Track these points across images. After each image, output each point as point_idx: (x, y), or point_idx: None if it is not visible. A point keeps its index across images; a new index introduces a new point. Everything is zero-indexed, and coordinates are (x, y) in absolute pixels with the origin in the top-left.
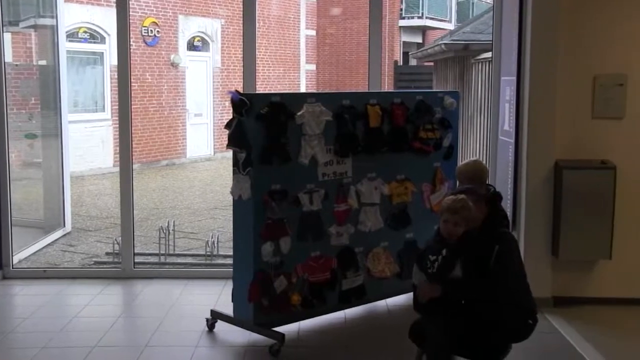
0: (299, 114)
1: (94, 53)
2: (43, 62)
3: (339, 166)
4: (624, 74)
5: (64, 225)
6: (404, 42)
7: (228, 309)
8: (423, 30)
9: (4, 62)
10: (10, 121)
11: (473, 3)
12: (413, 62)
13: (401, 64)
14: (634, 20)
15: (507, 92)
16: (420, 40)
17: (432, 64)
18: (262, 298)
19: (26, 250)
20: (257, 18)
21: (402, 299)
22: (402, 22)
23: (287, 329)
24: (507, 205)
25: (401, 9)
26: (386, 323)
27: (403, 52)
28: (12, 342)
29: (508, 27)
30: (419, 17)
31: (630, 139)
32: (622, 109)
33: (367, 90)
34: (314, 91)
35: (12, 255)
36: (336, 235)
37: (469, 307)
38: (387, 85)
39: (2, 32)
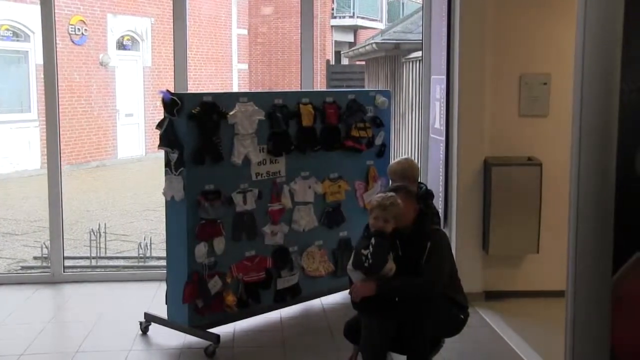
0: (231, 113)
1: (17, 51)
2: None
3: (272, 165)
4: (548, 74)
5: None
6: (335, 42)
7: (162, 311)
8: (354, 29)
9: None
10: None
11: (403, 3)
12: (345, 61)
13: (333, 63)
14: (557, 22)
15: (437, 91)
16: (352, 40)
17: (363, 63)
18: (196, 299)
19: None
20: (187, 16)
21: (337, 297)
22: (334, 22)
23: (223, 329)
24: (438, 202)
25: (333, 9)
26: (322, 322)
27: (335, 51)
28: None
29: (437, 27)
30: (350, 17)
31: (554, 136)
32: (547, 107)
33: (299, 90)
34: (247, 90)
35: None
36: (270, 235)
37: (402, 303)
38: (320, 84)
39: None
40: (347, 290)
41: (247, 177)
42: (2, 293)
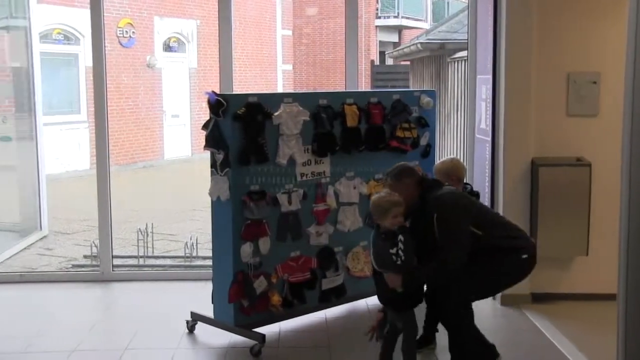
0: (276, 114)
1: (68, 54)
2: (16, 64)
3: (317, 166)
4: (597, 72)
5: (41, 229)
6: (380, 42)
7: (208, 310)
8: (399, 29)
9: None
10: None
11: (448, 2)
12: (389, 61)
13: (378, 63)
14: (605, 19)
15: (483, 91)
16: (396, 40)
17: (408, 63)
18: (242, 299)
19: (1, 255)
20: (233, 18)
21: None
22: (378, 22)
23: (268, 329)
24: (484, 203)
25: (377, 9)
26: (366, 322)
27: (379, 52)
28: None
29: (483, 26)
30: (394, 17)
31: (604, 136)
32: (596, 106)
33: (344, 90)
34: (291, 91)
35: None
36: (315, 235)
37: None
38: (364, 85)
39: None
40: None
41: (292, 177)
42: (55, 290)
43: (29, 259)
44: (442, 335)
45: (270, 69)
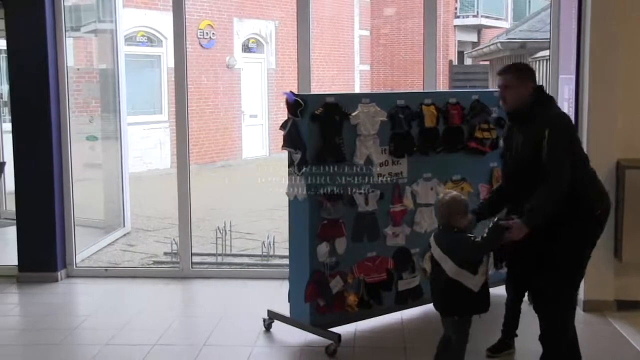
0: (353, 114)
1: (151, 56)
2: (103, 66)
3: (395, 167)
4: None
5: (124, 226)
6: (458, 42)
7: (285, 309)
8: (478, 29)
9: (67, 67)
10: (72, 124)
11: (529, 1)
12: (468, 61)
13: (456, 63)
14: None
15: (566, 91)
16: (475, 39)
17: (487, 63)
18: (318, 298)
19: (88, 250)
20: (311, 19)
21: None
22: (457, 21)
23: (344, 329)
24: None
25: (456, 8)
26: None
27: (458, 52)
28: (77, 339)
29: (566, 25)
30: (474, 16)
31: None
32: None
33: (422, 90)
34: (369, 91)
35: (75, 255)
36: (392, 236)
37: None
38: (443, 85)
39: (65, 37)
40: None
41: (369, 178)
42: (136, 286)
43: (113, 254)
44: (519, 342)
45: (348, 70)
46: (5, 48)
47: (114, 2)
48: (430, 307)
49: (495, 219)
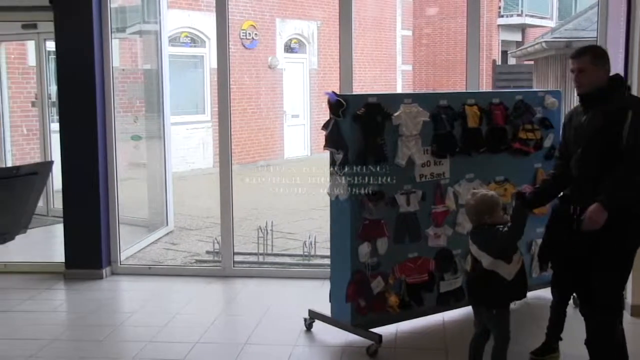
0: (395, 114)
1: (194, 57)
2: (147, 67)
3: (437, 167)
4: None
5: (167, 224)
6: (502, 41)
7: (326, 309)
8: (522, 28)
9: (112, 67)
10: (117, 123)
11: None
12: (512, 61)
13: (500, 63)
14: None
15: None
16: (519, 39)
17: (532, 62)
18: (359, 299)
19: (132, 248)
20: (353, 19)
21: None
22: (501, 21)
23: (385, 330)
24: None
25: (500, 7)
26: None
27: (501, 51)
28: (122, 335)
29: (615, 23)
30: (518, 15)
31: None
32: None
33: (465, 91)
34: (411, 92)
35: (119, 252)
36: (434, 237)
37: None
38: (486, 85)
39: (111, 38)
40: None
41: (410, 178)
42: (179, 284)
43: (156, 252)
44: (564, 345)
45: (390, 70)
46: (54, 50)
47: (159, 3)
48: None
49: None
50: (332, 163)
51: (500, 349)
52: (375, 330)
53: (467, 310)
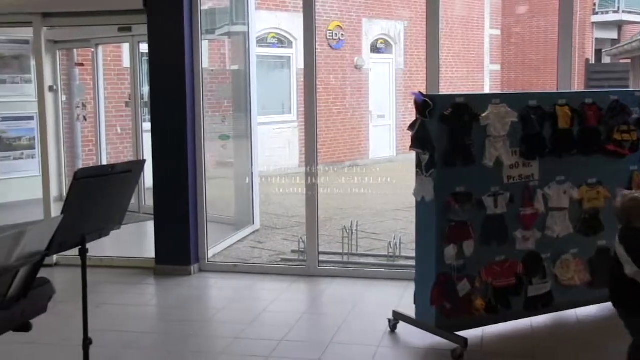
0: (483, 115)
1: (281, 57)
2: (235, 67)
3: (525, 169)
4: None
5: (253, 223)
6: (596, 39)
7: (410, 310)
8: (619, 25)
9: (202, 68)
10: (206, 123)
11: None
12: (607, 59)
13: (593, 62)
14: None
15: None
16: (615, 37)
17: (629, 61)
18: (444, 301)
19: (219, 246)
20: (441, 19)
21: (594, 309)
22: (595, 18)
23: (470, 333)
24: None
25: (594, 4)
26: (576, 334)
27: (595, 50)
28: (209, 331)
29: None
30: (614, 12)
31: None
32: None
33: (556, 91)
34: (499, 92)
35: (207, 250)
36: (522, 240)
37: None
38: (578, 85)
39: (200, 40)
40: (606, 303)
41: (498, 180)
42: (265, 282)
43: (242, 250)
44: None
45: (478, 70)
46: (147, 52)
47: (247, 5)
48: (562, 314)
49: None
50: (418, 164)
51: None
52: (461, 333)
53: (556, 316)
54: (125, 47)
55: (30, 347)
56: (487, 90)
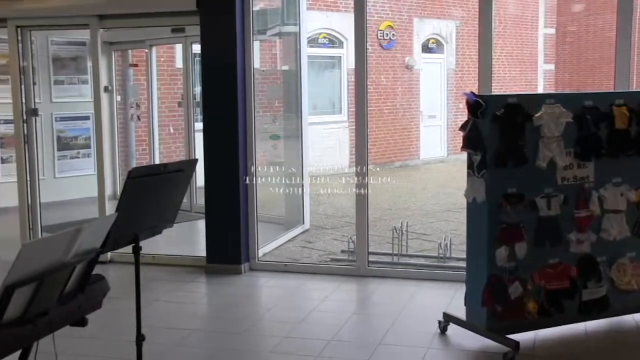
0: (536, 115)
1: (332, 57)
2: (286, 67)
3: (580, 170)
4: None
5: (303, 223)
6: None
7: (460, 312)
8: None
9: (253, 68)
10: (257, 123)
11: None
12: None
13: None
14: None
15: None
16: None
17: None
18: (495, 303)
19: (270, 245)
20: (493, 18)
21: None
22: None
23: (522, 337)
24: None
25: None
26: (634, 340)
27: None
28: (259, 330)
29: None
30: None
31: None
32: None
33: (612, 90)
34: (553, 92)
35: (257, 249)
36: (576, 243)
37: None
38: (637, 85)
39: (252, 40)
40: None
41: (552, 181)
42: (314, 282)
43: (292, 250)
44: None
45: (531, 69)
46: (199, 52)
47: (298, 5)
48: (619, 320)
49: None
50: (470, 164)
51: None
52: (513, 336)
53: (611, 321)
54: (178, 47)
55: (86, 342)
56: (540, 90)
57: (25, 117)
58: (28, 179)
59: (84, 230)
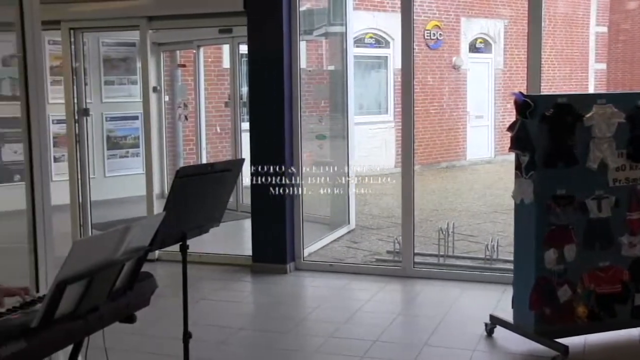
0: (587, 115)
1: (378, 57)
2: (332, 67)
3: (633, 172)
4: None
5: (349, 223)
6: None
7: (508, 314)
8: None
9: (299, 68)
10: (303, 123)
11: None
12: None
13: None
14: None
15: None
16: None
17: None
18: (543, 306)
19: (315, 245)
20: (543, 16)
21: None
22: None
23: (572, 341)
24: None
25: None
26: None
27: None
28: (304, 329)
29: None
30: None
31: None
32: None
33: None
34: (604, 92)
35: (303, 249)
36: (628, 246)
37: None
38: None
39: (299, 40)
40: None
41: (602, 183)
42: (359, 282)
43: (337, 250)
44: None
45: (582, 69)
46: (247, 52)
47: (345, 5)
48: None
49: None
50: (518, 165)
51: None
52: (561, 340)
53: None
54: (226, 48)
55: (135, 338)
56: (591, 90)
57: (77, 117)
58: (79, 177)
59: (133, 228)
